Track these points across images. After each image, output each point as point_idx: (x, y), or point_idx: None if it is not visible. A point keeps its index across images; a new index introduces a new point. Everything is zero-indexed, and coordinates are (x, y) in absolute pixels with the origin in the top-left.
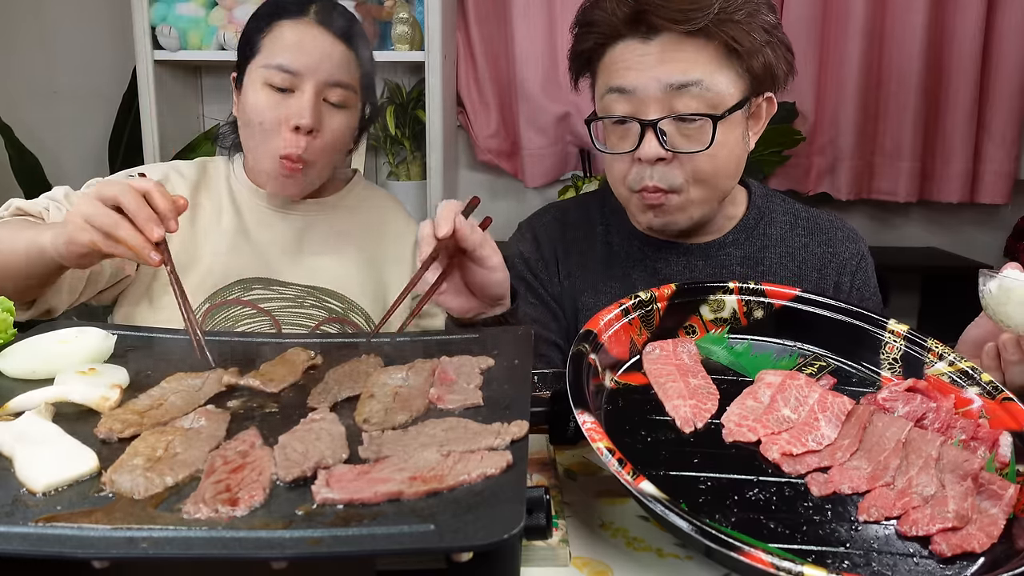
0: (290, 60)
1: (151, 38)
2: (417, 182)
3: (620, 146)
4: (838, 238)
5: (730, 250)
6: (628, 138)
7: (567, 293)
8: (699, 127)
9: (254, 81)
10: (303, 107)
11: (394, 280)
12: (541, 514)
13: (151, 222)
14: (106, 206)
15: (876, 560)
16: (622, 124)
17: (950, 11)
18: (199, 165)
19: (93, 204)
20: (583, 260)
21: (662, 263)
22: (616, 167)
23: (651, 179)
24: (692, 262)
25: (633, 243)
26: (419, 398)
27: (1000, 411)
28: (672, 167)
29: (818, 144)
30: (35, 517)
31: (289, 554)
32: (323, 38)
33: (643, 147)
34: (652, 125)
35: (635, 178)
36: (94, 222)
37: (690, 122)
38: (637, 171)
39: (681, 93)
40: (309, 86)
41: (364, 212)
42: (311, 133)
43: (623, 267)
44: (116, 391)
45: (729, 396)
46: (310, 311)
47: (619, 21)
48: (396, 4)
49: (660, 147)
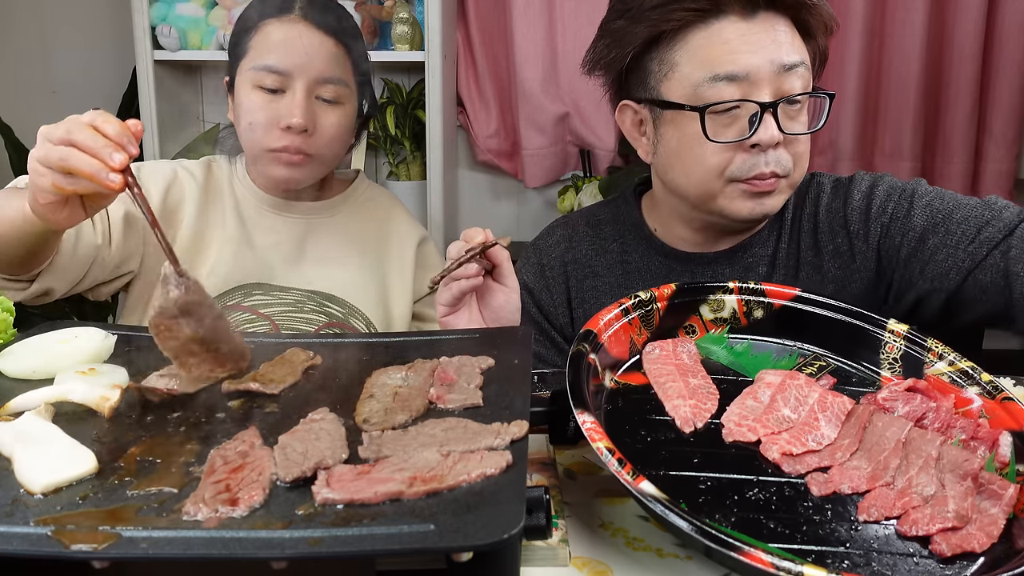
0: (278, 60)
1: (151, 38)
2: (417, 182)
3: (725, 134)
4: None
5: (755, 250)
6: (734, 125)
7: (580, 321)
8: (800, 108)
9: (245, 83)
10: (294, 106)
11: (396, 283)
12: (541, 514)
13: (107, 148)
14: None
15: (876, 560)
16: (727, 112)
17: (950, 11)
18: (205, 165)
19: (43, 146)
20: (596, 283)
21: (687, 277)
22: (716, 158)
23: (767, 165)
24: (718, 270)
25: (654, 259)
26: (419, 398)
27: (1000, 411)
28: (783, 151)
29: (818, 144)
30: (35, 517)
31: (289, 554)
32: (311, 35)
33: (762, 132)
34: (772, 108)
35: (744, 166)
36: (48, 162)
37: (796, 103)
38: (747, 159)
39: (790, 74)
40: (299, 85)
41: (367, 214)
42: (305, 132)
43: (645, 286)
44: (116, 391)
45: (729, 396)
46: (310, 315)
47: None
48: (396, 4)
49: (778, 130)
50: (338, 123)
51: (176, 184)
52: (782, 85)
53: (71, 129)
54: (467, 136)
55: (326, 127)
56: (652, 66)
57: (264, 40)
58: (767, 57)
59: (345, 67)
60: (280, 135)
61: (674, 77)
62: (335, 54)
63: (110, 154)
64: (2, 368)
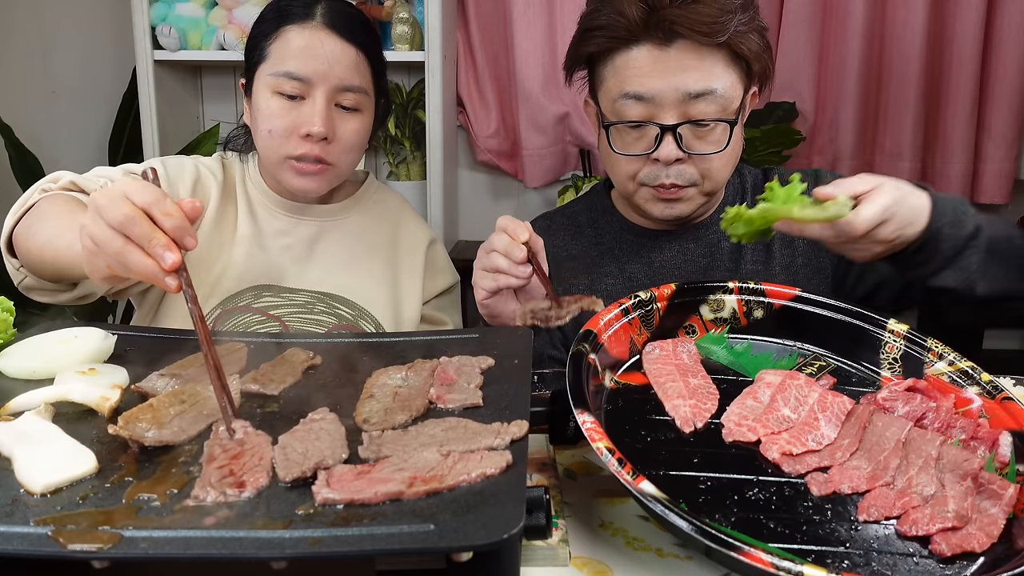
0: (299, 67)
1: (151, 38)
2: (417, 182)
3: (634, 147)
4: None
5: (716, 228)
6: (643, 140)
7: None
8: (711, 129)
9: (263, 88)
10: (315, 114)
11: (406, 285)
12: (541, 514)
13: (159, 248)
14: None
15: (876, 560)
16: (637, 127)
17: (950, 11)
18: (219, 162)
19: (97, 224)
20: (574, 264)
21: (656, 252)
22: (626, 166)
23: (667, 177)
24: (684, 246)
25: (626, 238)
26: (419, 398)
27: (1000, 411)
28: (687, 165)
29: (818, 144)
30: (35, 517)
31: (289, 554)
32: (332, 42)
33: (662, 149)
34: (672, 130)
35: (649, 176)
36: (104, 248)
37: (705, 125)
38: (652, 169)
39: (697, 101)
40: (320, 93)
41: (377, 216)
42: (324, 140)
43: (618, 262)
44: (116, 391)
45: (729, 396)
46: (320, 317)
47: (635, 25)
48: (396, 4)
49: (678, 149)
50: (357, 131)
51: (200, 182)
52: (688, 110)
53: (127, 222)
54: (467, 136)
55: (346, 135)
56: (596, 76)
57: (285, 46)
58: (672, 84)
59: (365, 75)
60: (299, 143)
61: (603, 90)
62: (356, 62)
63: (162, 255)
64: (2, 368)
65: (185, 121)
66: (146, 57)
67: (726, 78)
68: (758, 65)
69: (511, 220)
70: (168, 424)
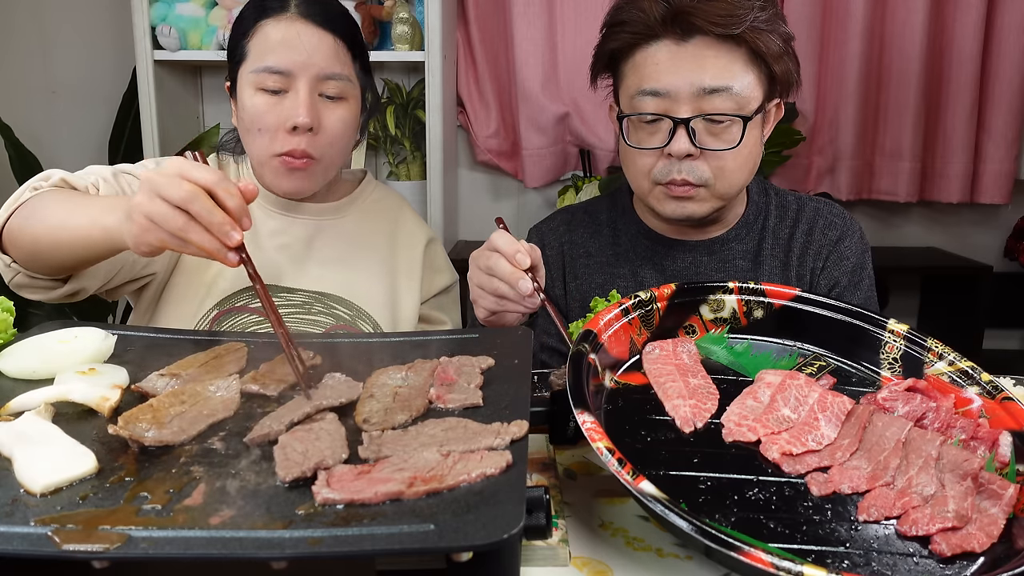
0: (278, 60)
1: (151, 38)
2: (417, 182)
3: (649, 142)
4: (819, 225)
5: (732, 245)
6: (657, 134)
7: (573, 295)
8: (726, 127)
9: (247, 86)
10: (298, 106)
11: (404, 285)
12: (541, 514)
13: (226, 226)
14: (171, 206)
15: (876, 560)
16: (652, 122)
17: (950, 11)
18: (214, 162)
19: (155, 203)
20: (589, 262)
21: (669, 260)
22: (641, 161)
23: (679, 173)
24: (698, 258)
25: (641, 242)
26: (419, 398)
27: (1000, 411)
28: (699, 162)
29: (818, 144)
30: (35, 517)
31: (289, 554)
32: (309, 31)
33: (674, 143)
34: (684, 123)
35: (662, 172)
36: (163, 224)
37: (719, 122)
38: (665, 165)
39: (712, 96)
40: (302, 84)
41: (375, 215)
42: (311, 131)
43: (631, 265)
44: (116, 391)
45: (729, 396)
46: (317, 317)
47: (655, 21)
48: (396, 4)
49: (690, 144)
50: (344, 119)
51: None
52: (703, 105)
53: (190, 199)
54: (467, 136)
55: (331, 124)
56: (618, 76)
57: (263, 41)
58: (688, 79)
59: (346, 62)
60: (286, 139)
61: (623, 87)
62: (335, 49)
63: (228, 232)
64: (2, 368)
65: (185, 121)
66: (146, 57)
67: (744, 77)
68: (779, 67)
69: (507, 242)
70: (168, 424)
